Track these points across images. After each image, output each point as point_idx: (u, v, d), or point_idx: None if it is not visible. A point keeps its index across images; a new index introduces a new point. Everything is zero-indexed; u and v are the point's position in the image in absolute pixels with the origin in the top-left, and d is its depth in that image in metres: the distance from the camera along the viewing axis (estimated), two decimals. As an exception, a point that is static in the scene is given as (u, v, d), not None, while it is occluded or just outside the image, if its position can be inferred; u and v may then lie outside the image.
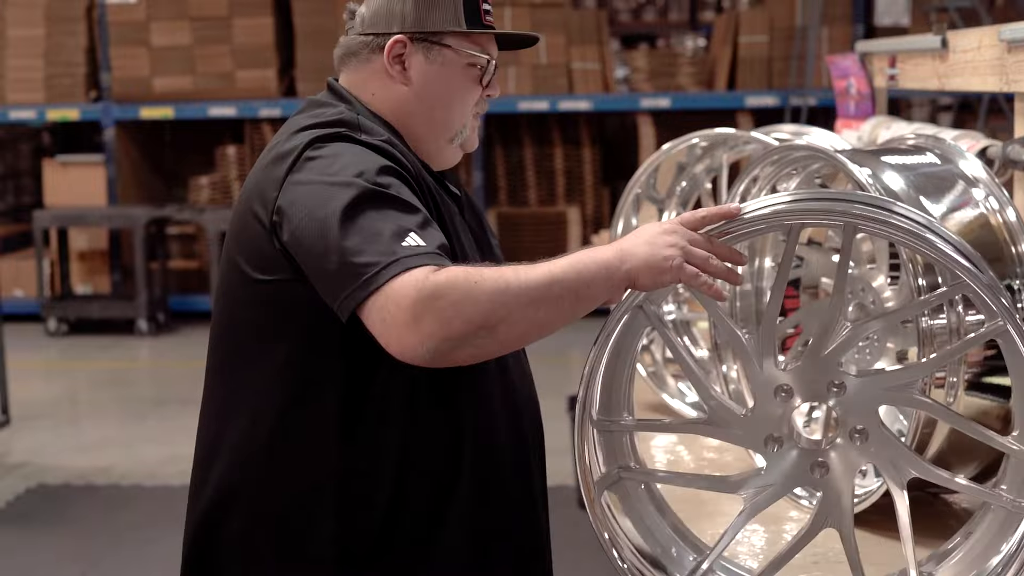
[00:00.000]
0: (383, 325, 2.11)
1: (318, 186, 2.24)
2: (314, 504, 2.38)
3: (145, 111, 11.43)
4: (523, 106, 11.16)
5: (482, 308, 2.08)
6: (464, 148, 2.55)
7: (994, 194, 2.93)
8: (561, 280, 2.12)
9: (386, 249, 2.14)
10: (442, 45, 2.45)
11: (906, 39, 4.39)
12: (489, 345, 2.12)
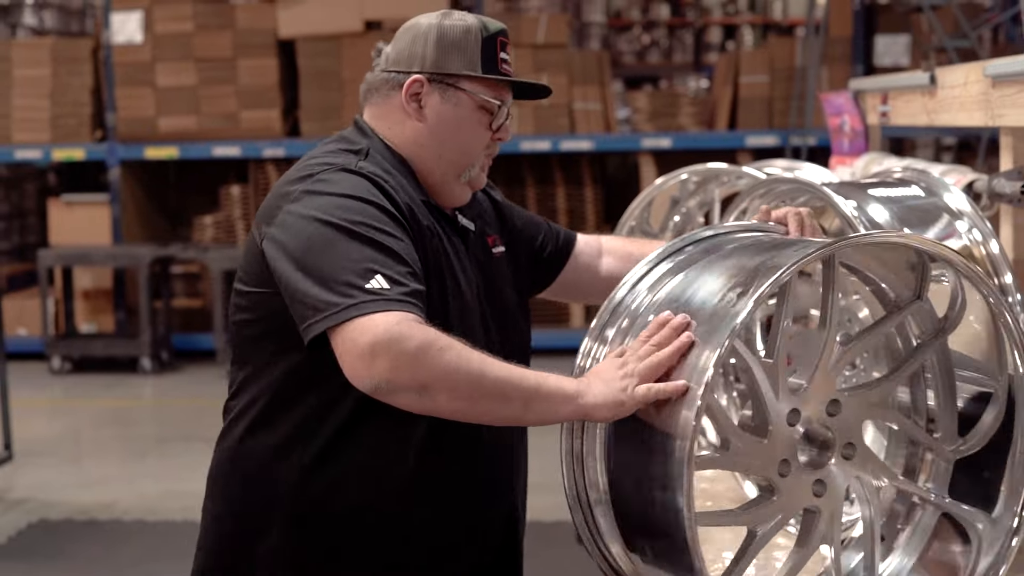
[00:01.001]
0: (343, 351, 2.28)
1: (304, 218, 2.40)
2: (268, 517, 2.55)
3: (150, 151, 11.49)
4: (525, 146, 11.23)
5: (430, 373, 2.23)
6: (472, 186, 2.66)
7: (977, 226, 2.98)
8: (518, 385, 2.26)
9: (349, 290, 2.29)
10: (457, 88, 2.58)
11: (897, 76, 4.46)
12: (425, 404, 2.27)
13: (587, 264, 2.97)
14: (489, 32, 2.59)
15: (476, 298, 2.61)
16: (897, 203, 3.01)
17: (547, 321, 11.14)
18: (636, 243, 3.03)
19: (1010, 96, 3.12)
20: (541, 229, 2.94)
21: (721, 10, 15.22)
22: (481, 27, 2.59)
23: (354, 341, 2.25)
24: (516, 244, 2.85)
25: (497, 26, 2.62)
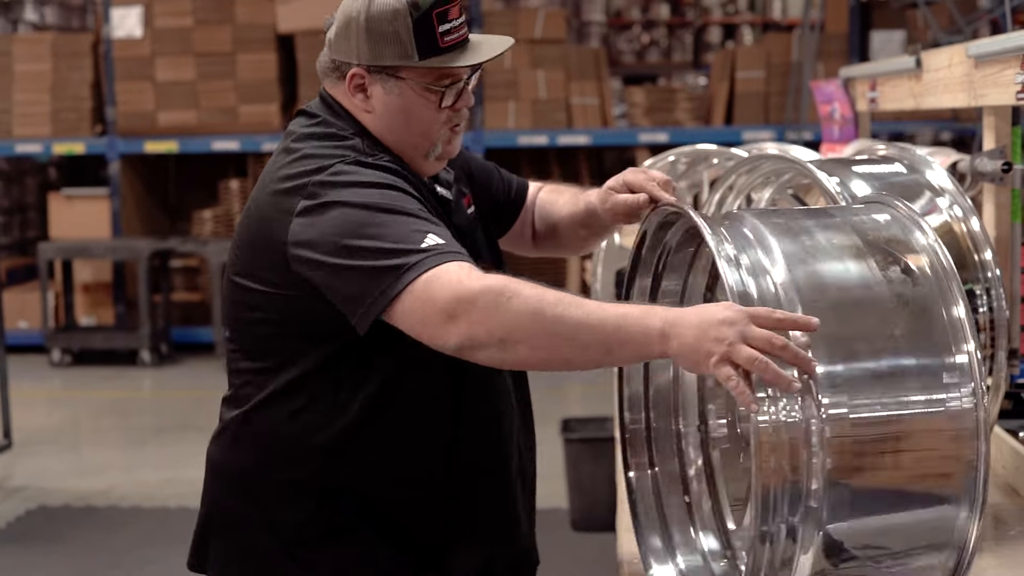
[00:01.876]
0: (418, 322, 2.26)
1: (336, 207, 2.36)
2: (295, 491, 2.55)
3: (149, 145, 11.55)
4: (523, 140, 11.29)
5: (504, 325, 2.18)
6: (443, 159, 2.61)
7: (959, 203, 3.02)
8: (597, 328, 2.13)
9: (409, 249, 2.28)
10: (397, 77, 2.50)
11: (885, 62, 4.50)
12: (507, 357, 2.23)
13: (527, 215, 2.94)
14: (421, 10, 2.45)
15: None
16: (879, 179, 3.05)
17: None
18: (562, 188, 2.98)
19: (992, 76, 3.17)
20: (494, 178, 2.90)
21: (721, 10, 15.27)
22: (409, 9, 2.45)
23: (429, 303, 2.23)
24: (478, 196, 2.81)
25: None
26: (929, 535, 2.06)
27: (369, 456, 2.52)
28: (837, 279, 2.09)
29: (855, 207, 2.35)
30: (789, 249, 2.12)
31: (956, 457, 2.04)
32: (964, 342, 2.06)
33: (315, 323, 2.46)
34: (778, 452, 1.95)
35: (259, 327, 2.55)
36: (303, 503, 2.55)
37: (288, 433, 2.53)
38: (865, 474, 2.00)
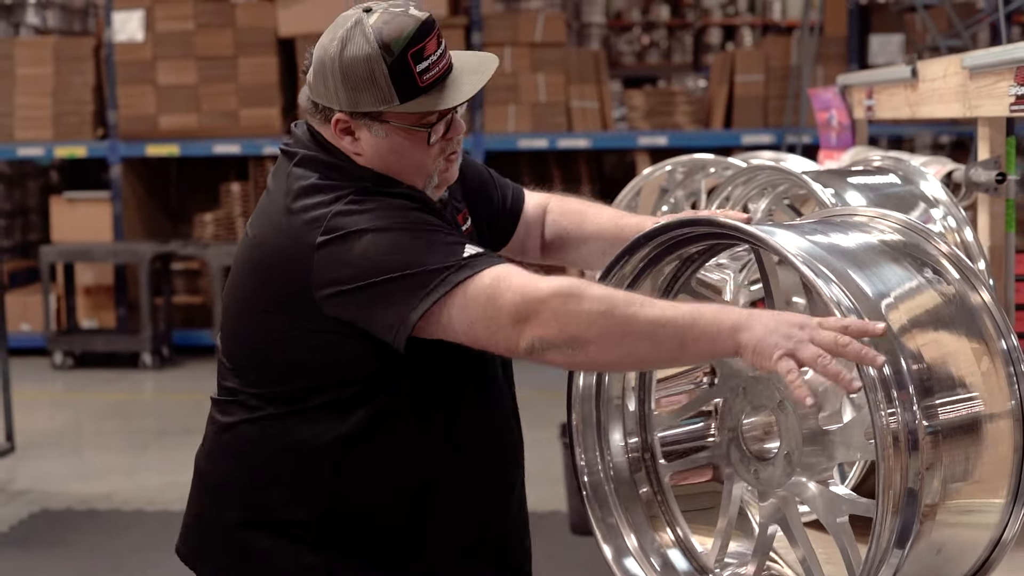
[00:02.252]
0: (481, 325, 2.27)
1: (362, 238, 2.35)
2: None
3: (151, 148, 11.58)
4: (522, 143, 11.33)
5: (578, 324, 2.21)
6: (442, 184, 2.57)
7: (952, 214, 3.07)
8: (669, 324, 2.17)
9: (451, 258, 2.31)
10: (381, 121, 2.45)
11: (881, 71, 4.53)
12: (578, 357, 2.26)
13: (534, 225, 2.93)
14: (395, 55, 2.38)
15: None
16: (874, 190, 3.10)
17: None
18: (584, 203, 2.96)
19: (986, 87, 3.20)
20: (490, 189, 2.87)
21: (721, 11, 15.29)
22: (382, 53, 2.38)
23: (493, 305, 2.25)
24: (475, 207, 2.78)
25: (402, 38, 2.39)
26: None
27: (359, 473, 2.53)
28: (894, 284, 2.15)
29: (859, 219, 2.38)
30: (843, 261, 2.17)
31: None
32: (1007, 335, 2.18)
33: (331, 369, 2.46)
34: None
35: (264, 364, 2.56)
36: (288, 510, 2.57)
37: (273, 446, 2.55)
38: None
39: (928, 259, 2.22)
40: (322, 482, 2.53)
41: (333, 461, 2.51)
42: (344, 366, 2.45)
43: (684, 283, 2.50)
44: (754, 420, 2.38)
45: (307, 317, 2.41)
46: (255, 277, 2.52)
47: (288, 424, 2.52)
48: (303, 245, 2.40)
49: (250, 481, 2.60)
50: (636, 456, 2.59)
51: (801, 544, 2.33)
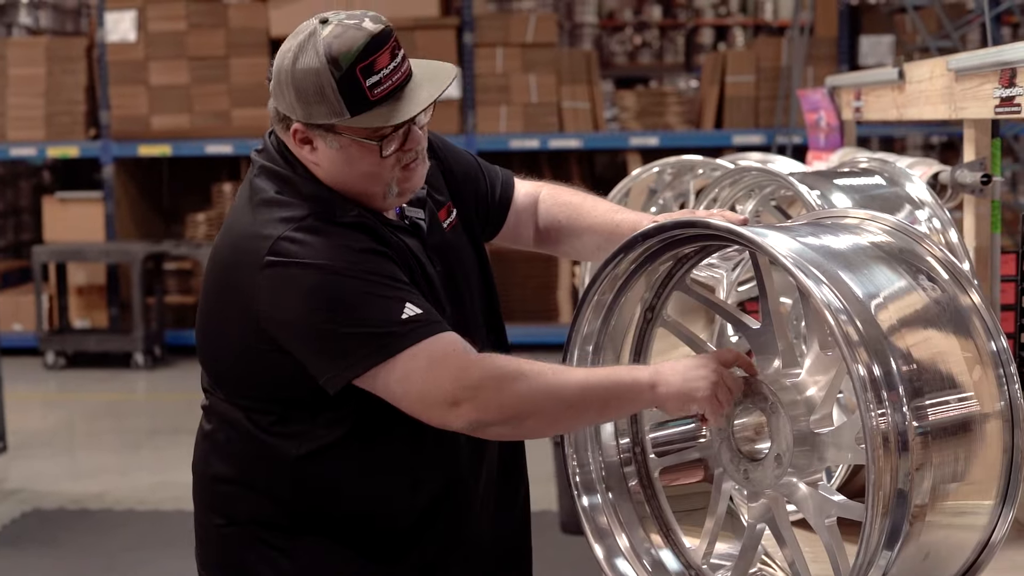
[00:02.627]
0: (415, 399, 2.34)
1: (307, 272, 2.36)
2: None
3: (143, 149, 11.59)
4: (514, 144, 11.35)
5: (515, 404, 2.32)
6: (403, 194, 2.53)
7: (938, 215, 3.09)
8: (594, 388, 2.34)
9: (390, 320, 2.33)
10: (335, 132, 2.43)
11: (869, 72, 4.55)
12: (516, 431, 2.39)
13: (526, 215, 2.93)
14: (343, 68, 2.36)
15: (447, 298, 2.59)
16: (860, 192, 3.12)
17: (535, 318, 11.25)
18: (578, 194, 2.95)
19: (971, 89, 3.22)
20: (479, 180, 2.86)
21: (712, 11, 15.32)
22: (330, 67, 2.36)
23: (430, 385, 2.32)
24: (462, 198, 2.77)
25: (350, 53, 2.36)
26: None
27: (331, 477, 2.55)
28: (884, 285, 2.18)
29: (849, 221, 2.40)
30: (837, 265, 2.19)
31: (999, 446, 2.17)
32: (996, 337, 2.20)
33: (282, 379, 2.48)
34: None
35: (228, 370, 2.58)
36: (264, 507, 2.59)
37: (250, 449, 2.57)
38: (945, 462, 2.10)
39: (918, 261, 2.23)
40: (291, 490, 2.55)
41: (298, 472, 2.53)
42: (294, 382, 2.46)
43: (678, 281, 2.52)
44: (745, 421, 2.39)
45: (253, 332, 2.44)
46: (214, 284, 2.55)
47: (256, 431, 2.55)
48: (251, 264, 2.41)
49: (229, 486, 2.62)
50: (627, 452, 2.61)
51: (789, 544, 2.34)
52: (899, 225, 2.32)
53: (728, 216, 2.54)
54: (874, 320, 2.06)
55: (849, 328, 2.03)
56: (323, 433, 2.51)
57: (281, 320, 2.39)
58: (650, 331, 2.57)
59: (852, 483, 2.75)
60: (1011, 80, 2.93)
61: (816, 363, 2.31)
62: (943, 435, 2.07)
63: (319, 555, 2.56)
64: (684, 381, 2.31)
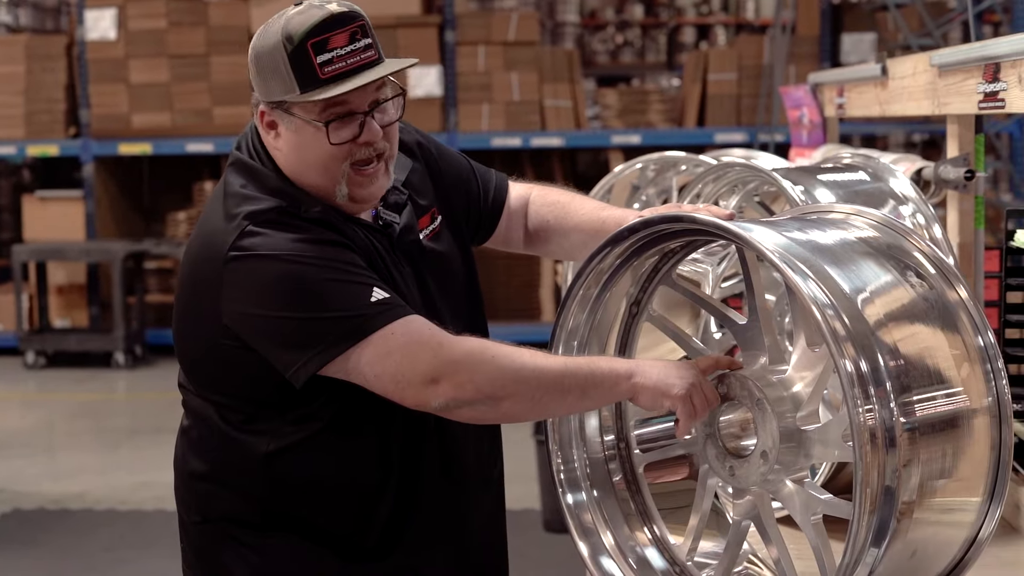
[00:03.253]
0: (389, 379, 2.31)
1: (270, 264, 2.35)
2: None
3: (123, 147, 11.55)
4: (496, 142, 11.33)
5: (492, 383, 2.30)
6: (355, 200, 2.48)
7: (921, 211, 3.08)
8: (573, 374, 2.32)
9: (359, 303, 2.31)
10: (289, 113, 2.41)
11: (852, 69, 4.55)
12: (491, 413, 2.34)
13: (516, 217, 2.92)
14: (295, 43, 2.35)
15: (420, 301, 2.57)
16: (844, 187, 3.10)
17: (518, 317, 11.24)
18: (566, 194, 2.93)
19: (955, 85, 3.21)
20: (470, 184, 2.84)
21: (694, 10, 15.32)
22: (285, 40, 2.35)
23: (405, 364, 2.29)
24: (450, 202, 2.76)
25: (304, 28, 2.35)
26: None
27: (301, 474, 2.53)
28: (871, 280, 2.16)
29: (835, 216, 2.38)
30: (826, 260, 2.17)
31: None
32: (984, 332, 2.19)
33: (249, 377, 2.47)
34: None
35: (199, 366, 2.57)
36: (236, 505, 2.58)
37: (221, 446, 2.56)
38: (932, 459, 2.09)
39: (905, 256, 2.22)
40: (262, 487, 2.54)
41: (268, 469, 2.52)
42: (261, 380, 2.45)
43: (664, 276, 2.51)
44: (731, 417, 2.38)
45: (219, 328, 2.42)
46: (186, 279, 2.55)
47: (227, 428, 2.54)
48: (216, 258, 2.40)
49: (204, 482, 2.61)
50: (612, 449, 2.59)
51: (774, 541, 2.33)
52: (886, 220, 2.30)
53: (714, 211, 2.53)
54: (861, 315, 2.04)
55: (836, 323, 2.01)
56: (292, 430, 2.49)
57: (244, 313, 2.38)
58: (635, 326, 2.55)
59: (835, 481, 2.74)
60: (995, 75, 2.92)
61: (802, 359, 2.29)
62: (931, 431, 2.05)
63: (289, 552, 2.55)
64: (662, 376, 2.30)
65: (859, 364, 1.99)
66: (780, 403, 2.26)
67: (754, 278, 2.32)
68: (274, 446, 2.50)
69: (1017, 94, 2.80)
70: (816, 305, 2.02)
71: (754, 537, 2.43)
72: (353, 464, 2.53)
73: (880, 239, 2.25)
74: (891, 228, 2.29)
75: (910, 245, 2.25)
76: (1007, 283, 3.03)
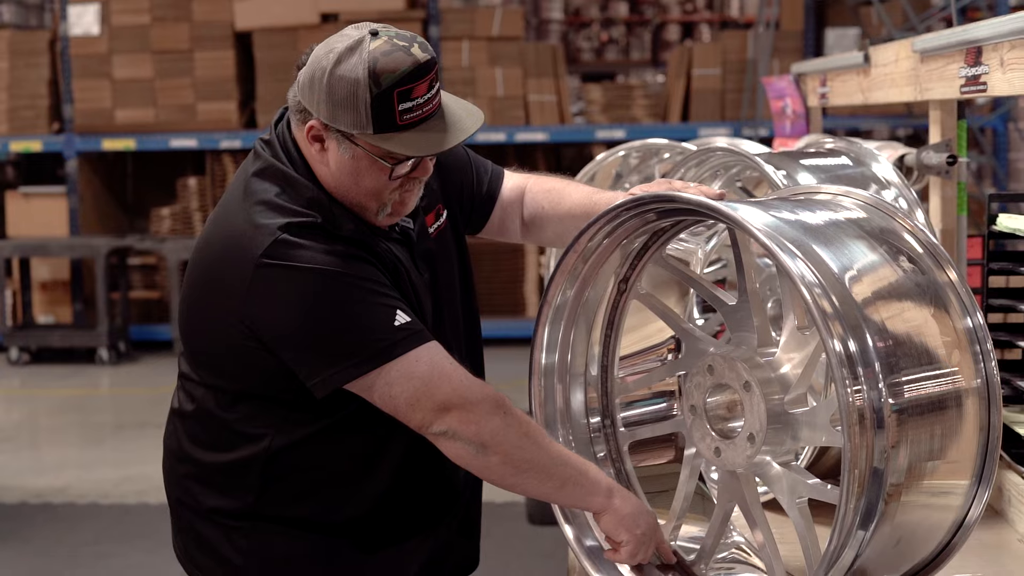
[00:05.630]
0: (403, 401, 2.36)
1: (299, 277, 2.37)
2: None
3: (107, 143, 11.52)
4: (480, 137, 11.30)
5: (495, 435, 2.36)
6: (394, 215, 2.53)
7: (904, 195, 3.08)
8: (564, 464, 2.41)
9: (382, 326, 2.35)
10: (352, 141, 2.42)
11: (834, 58, 4.55)
12: (474, 460, 2.38)
13: (512, 208, 2.93)
14: (382, 88, 2.34)
15: (431, 302, 2.61)
16: (826, 172, 3.10)
17: (502, 312, 11.24)
18: (561, 180, 2.96)
19: (937, 70, 3.21)
20: (467, 173, 2.86)
21: (679, 8, 15.33)
22: (370, 83, 2.34)
23: (424, 389, 2.35)
24: (449, 192, 2.77)
25: (394, 77, 2.35)
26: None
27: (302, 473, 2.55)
28: (859, 259, 2.15)
29: (823, 197, 2.37)
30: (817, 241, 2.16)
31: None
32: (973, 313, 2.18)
33: (262, 376, 2.48)
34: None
35: (207, 359, 2.57)
36: (231, 490, 2.58)
37: (219, 436, 2.57)
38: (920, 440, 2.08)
39: (894, 238, 2.21)
40: (258, 479, 2.55)
41: (265, 464, 2.53)
42: (274, 380, 2.46)
43: (653, 255, 2.50)
44: (718, 399, 2.37)
45: (237, 329, 2.43)
46: (202, 275, 2.54)
47: (229, 419, 2.55)
48: (243, 261, 2.40)
49: (192, 465, 2.62)
50: (597, 431, 2.59)
51: (759, 524, 2.32)
52: (874, 200, 2.30)
53: (704, 190, 2.53)
54: (849, 295, 2.04)
55: (824, 302, 2.00)
56: (295, 425, 2.51)
57: (272, 321, 2.39)
58: (623, 304, 2.55)
59: (816, 467, 2.73)
60: (976, 59, 2.92)
61: (791, 340, 2.28)
62: (919, 412, 2.04)
63: (280, 538, 2.56)
64: (635, 512, 2.40)
65: (847, 344, 1.99)
66: (768, 385, 2.26)
67: (745, 258, 2.31)
68: (278, 439, 2.51)
69: (999, 77, 2.81)
70: (804, 284, 2.01)
71: (741, 523, 2.43)
72: (350, 464, 2.55)
73: (869, 220, 2.24)
74: (879, 209, 2.28)
75: (899, 226, 2.24)
76: (990, 267, 3.03)
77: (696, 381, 2.37)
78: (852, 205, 2.30)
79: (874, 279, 2.11)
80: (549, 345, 2.57)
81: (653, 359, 2.63)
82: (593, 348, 2.59)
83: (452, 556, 2.76)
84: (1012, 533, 2.79)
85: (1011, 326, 3.06)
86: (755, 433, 2.25)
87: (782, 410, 2.25)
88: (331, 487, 2.55)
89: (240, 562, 2.58)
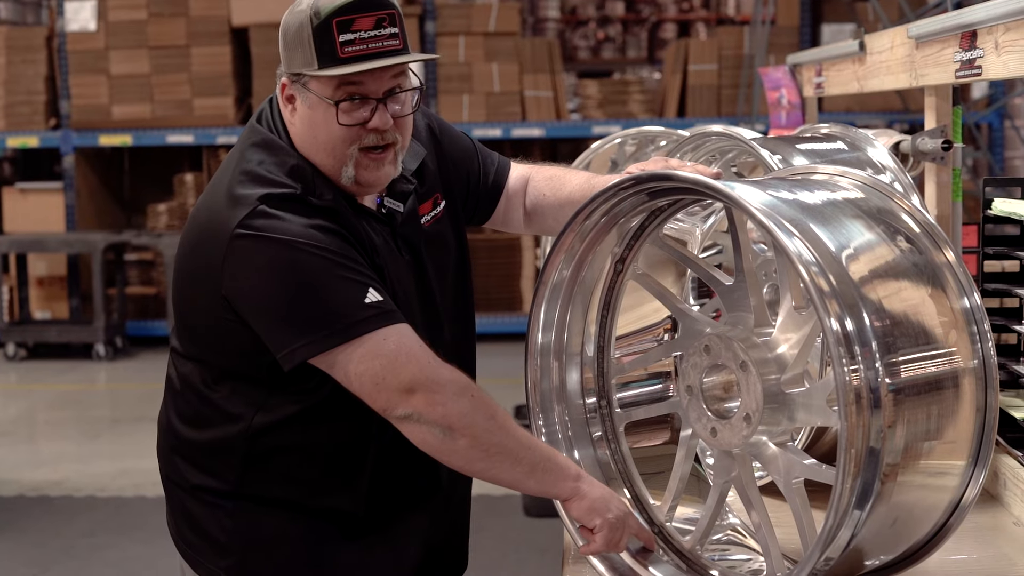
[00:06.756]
0: (368, 380, 2.34)
1: (275, 248, 2.36)
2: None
3: (104, 138, 11.53)
4: (477, 133, 11.30)
5: (462, 417, 2.33)
6: (360, 183, 2.49)
7: (899, 180, 3.07)
8: (532, 449, 2.38)
9: (355, 303, 2.33)
10: (306, 87, 2.43)
11: (830, 47, 4.55)
12: (441, 444, 2.35)
13: (516, 198, 2.94)
14: (321, 18, 2.37)
15: (414, 286, 2.60)
16: (822, 156, 3.10)
17: (498, 307, 11.24)
18: (561, 168, 2.98)
19: (932, 55, 3.22)
20: (474, 162, 2.86)
21: (675, 6, 15.35)
22: (312, 14, 2.38)
23: (389, 369, 2.32)
24: (452, 183, 2.77)
25: (333, 6, 2.37)
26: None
27: (282, 450, 2.55)
28: (856, 238, 2.15)
29: (820, 177, 2.38)
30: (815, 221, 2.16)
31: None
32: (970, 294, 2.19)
33: (241, 351, 2.48)
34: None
35: (193, 333, 2.58)
36: (216, 467, 2.59)
37: (204, 412, 2.58)
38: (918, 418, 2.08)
39: (891, 218, 2.21)
40: (241, 458, 2.56)
41: (248, 442, 2.54)
42: (252, 356, 2.46)
43: (650, 235, 2.50)
44: (714, 379, 2.38)
45: (217, 300, 2.43)
46: (188, 245, 2.54)
47: (213, 397, 2.56)
48: (222, 231, 2.40)
49: (179, 441, 2.64)
50: (593, 412, 2.59)
51: (755, 505, 2.32)
52: (871, 180, 2.30)
53: (701, 169, 2.54)
54: (847, 274, 2.04)
55: (821, 280, 2.00)
56: (276, 406, 2.51)
57: (243, 290, 2.39)
58: (620, 284, 2.55)
59: (813, 450, 2.73)
60: (971, 43, 2.93)
61: (788, 321, 2.28)
62: (916, 392, 2.04)
63: (259, 516, 2.58)
64: (603, 496, 2.39)
65: (844, 323, 1.99)
66: (764, 365, 2.25)
67: (742, 238, 2.31)
68: (259, 418, 2.52)
69: (993, 60, 2.81)
70: (801, 263, 2.01)
71: (737, 506, 2.44)
72: (333, 444, 2.55)
73: (866, 200, 2.25)
74: (877, 189, 2.28)
75: (896, 206, 2.24)
76: (985, 252, 3.03)
77: (692, 361, 2.37)
78: (849, 185, 2.30)
79: (871, 258, 2.11)
80: (545, 324, 2.57)
81: (649, 339, 2.63)
82: (589, 328, 2.59)
83: (441, 556, 2.76)
84: (1008, 516, 2.79)
85: (1007, 311, 3.07)
86: (751, 413, 2.25)
87: (778, 390, 2.25)
88: (314, 470, 2.55)
89: (224, 540, 2.59)
